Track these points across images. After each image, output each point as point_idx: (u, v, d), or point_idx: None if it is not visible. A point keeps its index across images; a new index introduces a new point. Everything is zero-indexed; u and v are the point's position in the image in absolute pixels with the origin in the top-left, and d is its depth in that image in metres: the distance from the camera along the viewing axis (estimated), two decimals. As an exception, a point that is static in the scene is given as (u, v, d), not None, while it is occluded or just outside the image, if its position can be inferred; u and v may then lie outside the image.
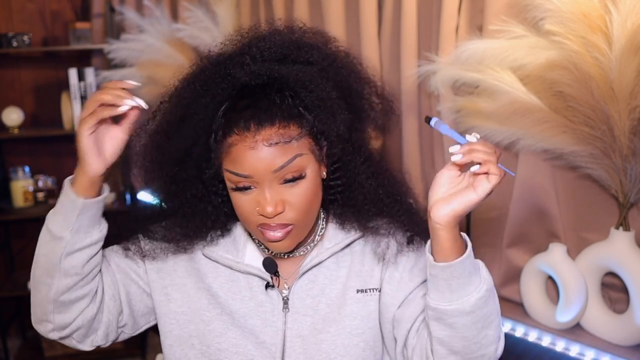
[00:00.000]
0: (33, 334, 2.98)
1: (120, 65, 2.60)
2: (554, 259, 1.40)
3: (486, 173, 0.72)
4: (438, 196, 0.76)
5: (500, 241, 1.59)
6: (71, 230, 0.82)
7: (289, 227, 0.84)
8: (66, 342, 0.91)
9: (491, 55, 1.36)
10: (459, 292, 0.76)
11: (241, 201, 0.84)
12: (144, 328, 0.99)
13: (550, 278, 1.48)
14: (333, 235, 0.94)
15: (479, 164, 0.72)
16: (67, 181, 0.84)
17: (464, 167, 0.76)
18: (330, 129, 0.83)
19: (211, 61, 0.87)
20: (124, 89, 0.81)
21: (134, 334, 0.98)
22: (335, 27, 1.89)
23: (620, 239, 1.31)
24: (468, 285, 0.76)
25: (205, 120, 0.82)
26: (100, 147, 0.82)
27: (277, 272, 0.94)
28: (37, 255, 0.86)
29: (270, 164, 0.80)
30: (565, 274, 1.36)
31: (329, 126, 0.83)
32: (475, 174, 0.73)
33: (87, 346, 0.92)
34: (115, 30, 2.66)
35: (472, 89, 1.50)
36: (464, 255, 0.75)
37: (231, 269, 0.94)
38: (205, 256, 0.94)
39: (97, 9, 2.87)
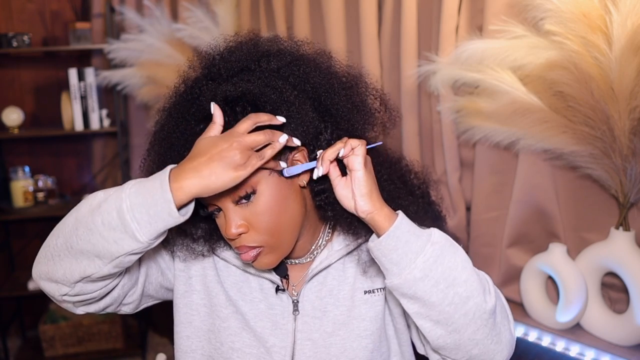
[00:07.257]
0: (33, 334, 2.99)
1: (120, 65, 2.60)
2: (554, 259, 1.40)
3: (351, 150, 0.77)
4: (351, 201, 0.80)
5: (500, 241, 1.59)
6: (151, 239, 0.75)
7: (259, 249, 0.82)
8: (63, 305, 0.85)
9: (491, 55, 1.36)
10: (403, 263, 0.76)
11: (218, 225, 0.85)
12: (142, 307, 0.97)
13: (550, 278, 1.48)
14: (342, 239, 0.93)
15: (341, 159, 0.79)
16: (165, 181, 0.73)
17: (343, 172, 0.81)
18: (295, 133, 0.80)
19: (186, 85, 0.86)
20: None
21: (129, 313, 0.96)
22: (335, 27, 1.90)
23: (620, 239, 1.31)
24: (409, 252, 0.76)
25: (186, 145, 0.81)
26: None
27: (287, 276, 0.94)
28: (92, 232, 0.74)
29: None
30: (565, 274, 1.36)
31: (293, 131, 0.80)
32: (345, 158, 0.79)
33: (80, 311, 0.88)
34: (115, 30, 2.66)
35: (472, 89, 1.50)
36: (392, 227, 0.76)
37: (242, 269, 0.94)
38: (216, 255, 0.94)
39: (97, 9, 2.87)
